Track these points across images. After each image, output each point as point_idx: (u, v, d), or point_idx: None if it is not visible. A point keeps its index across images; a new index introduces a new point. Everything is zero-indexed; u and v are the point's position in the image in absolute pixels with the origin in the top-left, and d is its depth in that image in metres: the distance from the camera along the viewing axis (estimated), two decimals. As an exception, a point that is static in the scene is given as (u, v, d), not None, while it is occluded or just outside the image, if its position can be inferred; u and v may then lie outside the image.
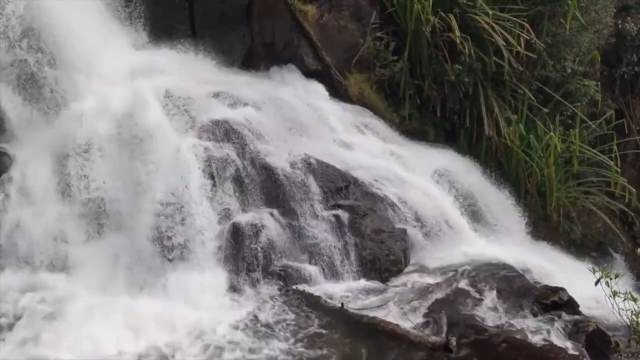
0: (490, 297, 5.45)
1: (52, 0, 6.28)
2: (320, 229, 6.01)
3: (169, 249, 5.62)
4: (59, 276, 5.53)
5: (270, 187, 6.15)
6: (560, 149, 8.22)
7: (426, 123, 8.32)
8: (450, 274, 5.86)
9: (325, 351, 4.86)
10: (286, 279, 5.63)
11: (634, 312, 3.71)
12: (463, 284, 5.66)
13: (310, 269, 5.75)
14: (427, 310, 5.28)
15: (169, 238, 5.66)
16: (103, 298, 5.30)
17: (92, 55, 6.48)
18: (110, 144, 6.06)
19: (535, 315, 5.23)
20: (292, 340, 4.96)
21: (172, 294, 5.37)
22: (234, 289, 5.49)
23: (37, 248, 5.66)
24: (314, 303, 5.36)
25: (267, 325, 5.10)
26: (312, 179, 6.31)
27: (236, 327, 5.09)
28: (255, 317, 5.21)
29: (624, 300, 3.71)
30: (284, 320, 5.18)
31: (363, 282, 5.80)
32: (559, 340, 4.90)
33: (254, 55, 7.85)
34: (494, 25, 8.02)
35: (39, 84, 6.21)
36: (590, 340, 4.85)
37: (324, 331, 5.05)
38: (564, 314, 5.19)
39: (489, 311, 5.31)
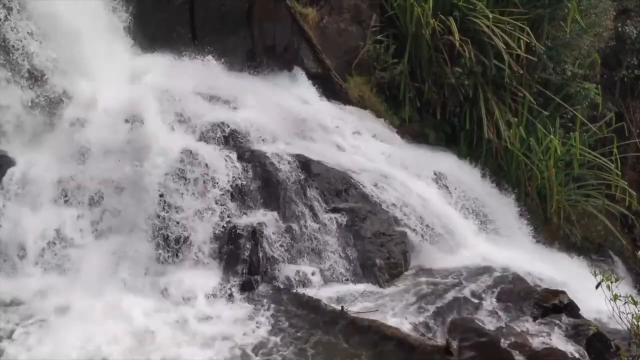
0: (490, 300, 5.45)
1: (54, 4, 6.29)
2: (319, 232, 6.00)
3: (169, 250, 5.62)
4: (58, 277, 5.53)
5: (270, 190, 6.14)
6: (560, 151, 8.23)
7: (426, 126, 8.33)
8: (451, 277, 5.86)
9: (325, 354, 4.85)
10: (285, 282, 5.63)
11: (635, 316, 3.71)
12: (463, 286, 5.65)
13: (310, 272, 5.74)
14: (427, 313, 5.28)
15: (169, 240, 5.65)
16: (102, 299, 5.29)
17: (93, 59, 6.49)
18: (110, 147, 6.07)
19: (535, 318, 5.22)
20: (292, 343, 4.95)
21: (171, 296, 5.37)
22: (233, 291, 5.48)
23: (37, 249, 5.66)
24: (313, 306, 5.36)
25: (266, 329, 5.09)
26: (311, 181, 6.30)
27: (234, 330, 5.08)
28: (255, 320, 5.20)
29: (624, 303, 3.71)
30: (284, 323, 5.17)
31: (363, 285, 5.79)
32: (559, 343, 4.90)
33: (254, 58, 7.86)
34: (494, 28, 8.02)
35: (40, 88, 6.22)
36: (590, 343, 4.84)
37: (324, 335, 5.04)
38: (564, 317, 5.19)
39: (490, 314, 5.30)
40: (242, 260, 5.64)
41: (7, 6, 6.07)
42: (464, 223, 6.84)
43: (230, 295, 5.44)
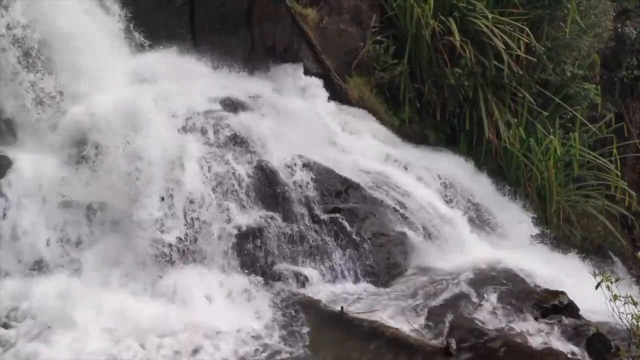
0: (490, 301, 5.45)
1: (52, 4, 6.29)
2: (319, 232, 6.01)
3: (169, 251, 5.62)
4: (59, 279, 5.53)
5: (270, 191, 6.15)
6: (560, 152, 8.23)
7: (426, 126, 8.33)
8: (451, 277, 5.86)
9: (325, 355, 4.85)
10: (285, 281, 5.64)
11: (634, 316, 3.71)
12: (463, 287, 5.65)
13: (310, 273, 5.75)
14: (427, 314, 5.28)
15: (169, 241, 5.65)
16: (103, 300, 5.29)
17: (93, 60, 6.49)
18: (110, 148, 6.06)
19: (535, 319, 5.23)
20: (290, 344, 4.96)
21: (171, 297, 5.37)
22: (232, 291, 5.49)
23: (37, 250, 5.66)
24: (313, 307, 5.36)
25: (267, 330, 5.10)
26: (311, 182, 6.31)
27: (235, 331, 5.09)
28: (253, 319, 5.20)
29: (624, 304, 3.71)
30: (284, 324, 5.18)
31: (363, 286, 5.80)
32: (559, 343, 4.90)
33: (254, 58, 7.86)
34: (494, 28, 8.02)
35: (39, 88, 6.23)
36: (590, 344, 4.85)
37: (323, 335, 5.04)
38: (564, 317, 5.19)
39: (489, 315, 5.31)
40: (242, 259, 5.65)
41: (4, 5, 6.07)
42: (463, 223, 6.85)
43: (231, 295, 5.44)
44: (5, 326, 5.03)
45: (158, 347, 4.86)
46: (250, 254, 5.69)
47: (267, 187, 6.15)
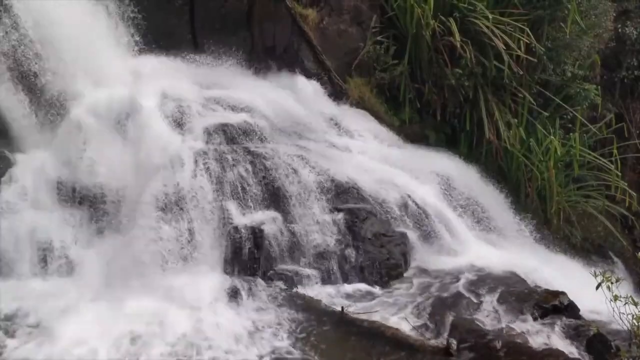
0: (490, 301, 5.45)
1: (53, 5, 6.29)
2: (320, 232, 6.00)
3: (169, 252, 5.61)
4: (58, 280, 5.53)
5: (271, 190, 6.14)
6: (560, 152, 8.23)
7: (426, 127, 8.34)
8: (451, 277, 5.86)
9: (325, 355, 4.85)
10: (286, 282, 5.63)
11: (635, 316, 3.71)
12: (463, 287, 5.65)
13: (310, 273, 5.75)
14: (427, 314, 5.28)
15: (169, 241, 5.65)
16: (102, 302, 5.29)
17: (93, 60, 6.49)
18: (110, 148, 6.07)
19: (535, 319, 5.22)
20: (291, 345, 4.95)
21: (171, 298, 5.36)
22: (233, 292, 5.48)
23: (36, 251, 5.65)
24: (314, 307, 5.36)
25: (267, 330, 5.09)
26: (312, 182, 6.30)
27: (235, 331, 5.08)
28: (255, 321, 5.20)
29: (624, 304, 3.72)
30: (284, 324, 5.17)
31: (363, 286, 5.79)
32: (559, 344, 4.89)
33: (254, 59, 7.87)
34: (494, 29, 8.03)
35: (40, 88, 6.23)
36: (590, 344, 4.84)
37: (324, 336, 5.04)
38: (564, 318, 5.19)
39: (490, 315, 5.30)
40: (242, 260, 5.65)
41: (5, 5, 6.07)
42: (463, 224, 6.84)
43: (231, 296, 5.44)
44: (3, 328, 5.01)
45: (160, 353, 4.85)
46: (251, 254, 5.68)
47: (267, 187, 6.14)
